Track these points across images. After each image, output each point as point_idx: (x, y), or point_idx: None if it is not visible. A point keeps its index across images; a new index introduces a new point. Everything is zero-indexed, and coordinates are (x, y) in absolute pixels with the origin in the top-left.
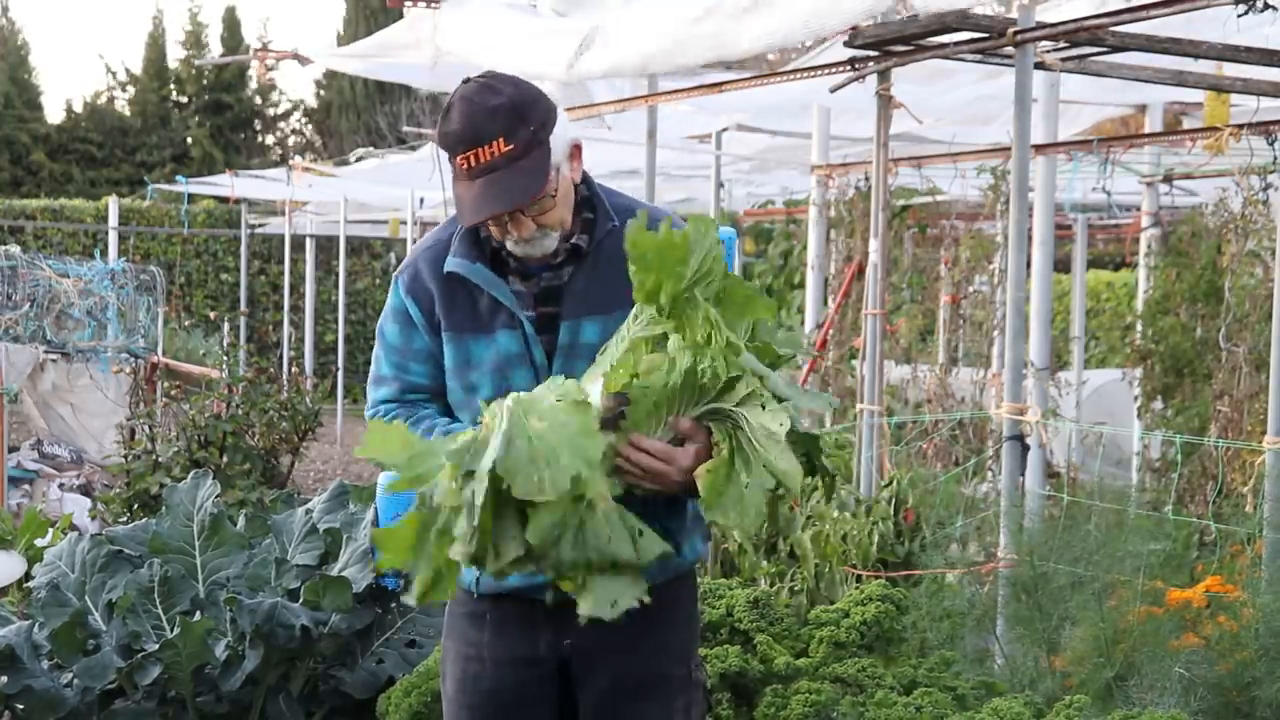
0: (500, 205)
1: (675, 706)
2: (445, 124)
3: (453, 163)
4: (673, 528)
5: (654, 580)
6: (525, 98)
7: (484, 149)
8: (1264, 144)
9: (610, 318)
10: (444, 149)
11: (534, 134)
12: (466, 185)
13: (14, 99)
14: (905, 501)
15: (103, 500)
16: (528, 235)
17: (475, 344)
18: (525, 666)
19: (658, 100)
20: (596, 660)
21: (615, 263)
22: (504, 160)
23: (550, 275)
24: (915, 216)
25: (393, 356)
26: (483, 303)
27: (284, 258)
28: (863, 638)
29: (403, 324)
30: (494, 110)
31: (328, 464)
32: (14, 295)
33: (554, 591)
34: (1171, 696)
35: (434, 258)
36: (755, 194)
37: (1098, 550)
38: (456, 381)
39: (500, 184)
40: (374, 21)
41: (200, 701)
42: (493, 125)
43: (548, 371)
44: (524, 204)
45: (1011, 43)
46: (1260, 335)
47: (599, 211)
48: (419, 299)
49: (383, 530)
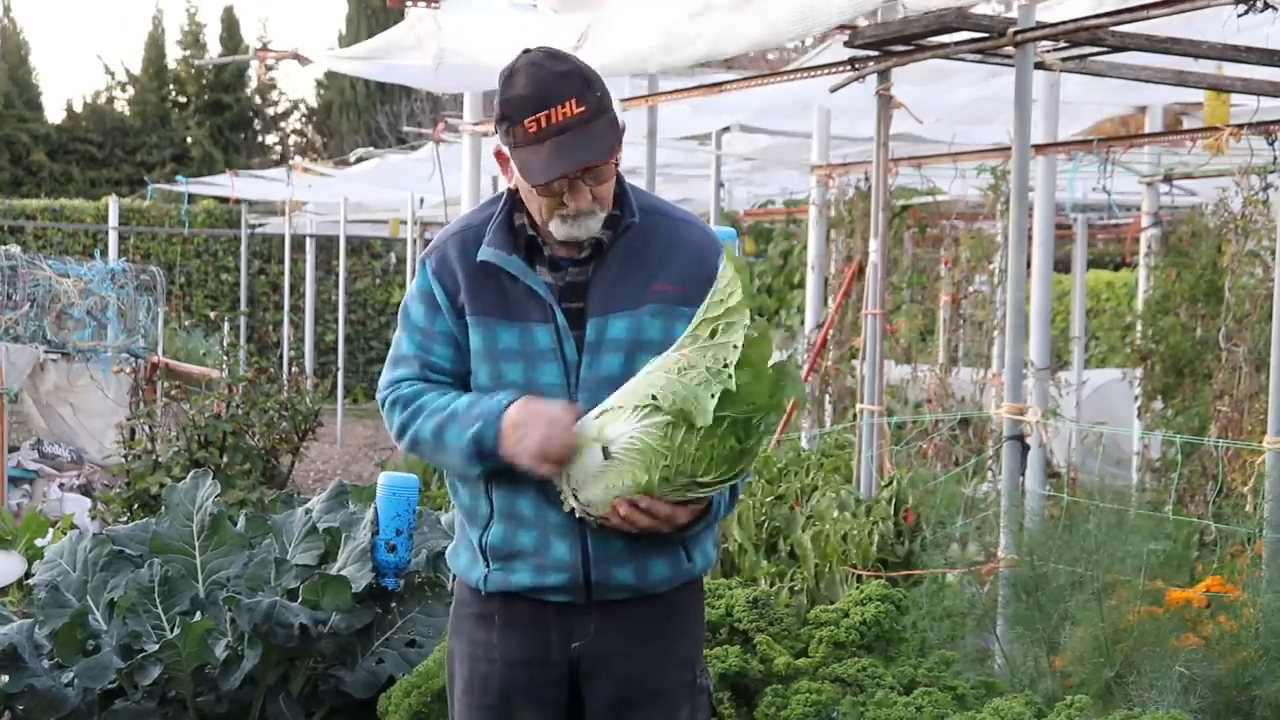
0: (579, 159)
1: (680, 713)
2: (510, 89)
3: (515, 129)
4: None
5: (665, 587)
6: (589, 68)
7: (556, 109)
8: (1264, 144)
9: (637, 313)
10: (507, 115)
11: (601, 99)
12: (534, 149)
13: (14, 99)
14: (905, 501)
15: (103, 500)
16: (585, 207)
17: (504, 331)
18: (535, 668)
19: (658, 100)
20: (604, 664)
21: (638, 258)
22: (576, 120)
23: (575, 271)
24: (915, 216)
25: (415, 336)
26: (514, 293)
27: (284, 258)
28: (862, 638)
29: (428, 305)
30: (563, 75)
31: (328, 464)
32: (14, 295)
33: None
34: (1172, 696)
35: (463, 243)
36: (755, 194)
37: (1098, 550)
38: (483, 368)
39: (575, 141)
40: (375, 21)
41: (200, 701)
42: (564, 87)
43: (577, 367)
44: (600, 160)
45: (1011, 43)
46: (1260, 335)
47: (624, 206)
48: (445, 283)
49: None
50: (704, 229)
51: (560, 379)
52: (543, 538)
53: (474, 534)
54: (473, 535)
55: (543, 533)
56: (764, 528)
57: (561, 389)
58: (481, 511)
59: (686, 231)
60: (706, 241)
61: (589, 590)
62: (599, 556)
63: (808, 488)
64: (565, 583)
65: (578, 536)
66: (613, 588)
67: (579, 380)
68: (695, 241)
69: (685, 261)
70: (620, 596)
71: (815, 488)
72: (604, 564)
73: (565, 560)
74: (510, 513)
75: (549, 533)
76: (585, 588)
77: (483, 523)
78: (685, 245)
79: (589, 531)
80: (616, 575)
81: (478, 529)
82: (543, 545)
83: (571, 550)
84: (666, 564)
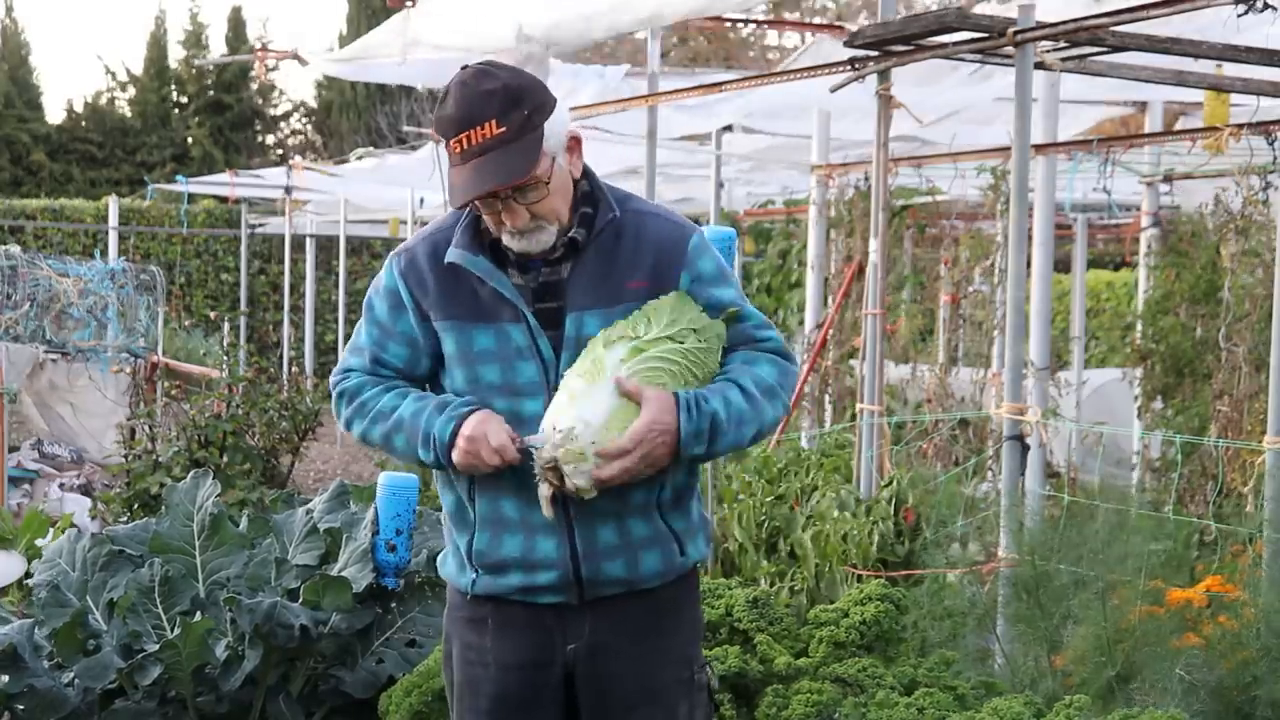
0: (487, 184)
1: (679, 711)
2: (441, 109)
3: (448, 149)
4: (676, 526)
5: (658, 581)
6: (521, 83)
7: (476, 131)
8: (1264, 144)
9: (613, 311)
10: (439, 135)
11: (528, 118)
12: (459, 170)
13: (14, 99)
14: (905, 501)
15: (103, 500)
16: (523, 226)
17: (479, 333)
18: (530, 670)
19: (658, 100)
20: (600, 665)
21: (615, 254)
22: (495, 142)
23: (548, 270)
24: (915, 216)
25: (374, 331)
26: (484, 294)
27: (284, 258)
28: (862, 637)
29: (391, 304)
30: (488, 94)
31: (328, 464)
32: (14, 295)
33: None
34: (1173, 696)
35: (432, 246)
36: (755, 194)
37: (1099, 550)
38: (459, 371)
39: (489, 164)
40: (375, 21)
41: (200, 701)
42: (486, 108)
43: (555, 365)
44: (510, 184)
45: (1011, 43)
46: (1260, 335)
47: (600, 205)
48: (410, 284)
49: None
50: (673, 221)
51: (539, 377)
52: (529, 540)
53: (460, 540)
54: (459, 541)
55: (529, 534)
56: (764, 528)
57: (540, 387)
58: (467, 517)
59: (654, 225)
60: (675, 232)
61: (581, 588)
62: (588, 552)
63: (808, 488)
64: (556, 581)
65: (565, 534)
66: (605, 583)
67: (557, 378)
68: (663, 235)
69: (653, 256)
70: (613, 592)
71: (815, 487)
72: (594, 559)
73: (554, 559)
74: (495, 518)
75: (535, 533)
76: (577, 585)
77: (469, 529)
78: (652, 239)
79: (576, 528)
80: (607, 570)
81: (464, 535)
82: (530, 547)
83: (560, 548)
84: (659, 557)
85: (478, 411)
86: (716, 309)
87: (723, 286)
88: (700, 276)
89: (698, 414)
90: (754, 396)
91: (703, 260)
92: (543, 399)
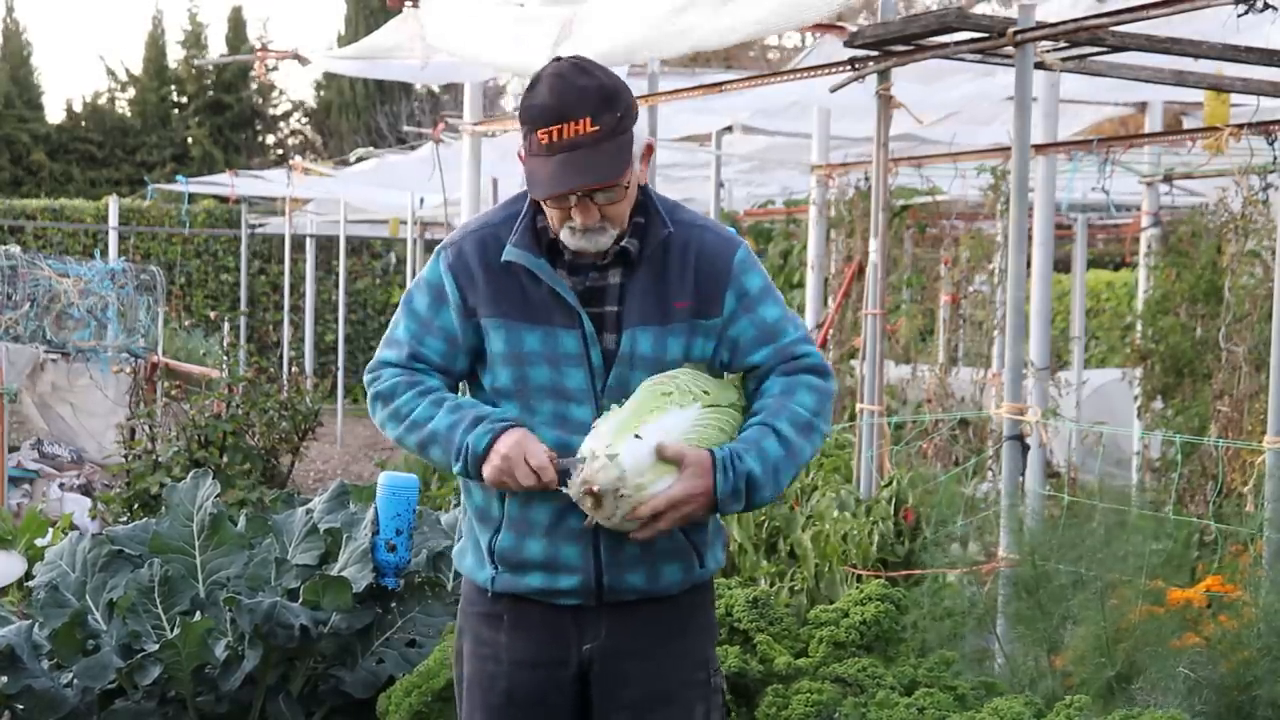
0: (580, 180)
1: (696, 713)
2: (531, 97)
3: (531, 137)
4: (696, 539)
5: (676, 589)
6: (615, 84)
7: (570, 125)
8: (1264, 144)
9: (664, 329)
10: (525, 122)
11: (620, 120)
12: (543, 161)
13: (14, 99)
14: (905, 501)
15: (103, 500)
16: (591, 224)
17: (528, 334)
18: (544, 669)
19: (658, 100)
20: (616, 666)
21: (665, 271)
22: (588, 140)
23: (596, 275)
24: (915, 216)
25: (412, 325)
26: (536, 295)
27: (284, 258)
28: (862, 637)
29: (434, 298)
30: (584, 90)
31: (328, 464)
32: (14, 295)
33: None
34: (1173, 696)
35: (482, 241)
36: (755, 194)
37: (1099, 550)
38: (506, 370)
39: (582, 161)
40: (374, 21)
41: (200, 701)
42: (582, 104)
43: (604, 374)
44: (602, 184)
45: (1011, 43)
46: (1260, 335)
47: (650, 218)
48: (459, 279)
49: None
50: (720, 236)
51: (586, 384)
52: (554, 544)
53: (483, 537)
54: (482, 538)
55: (554, 539)
56: (764, 528)
57: (588, 394)
58: (493, 514)
59: (700, 240)
60: (722, 249)
61: (600, 593)
62: (611, 561)
63: (808, 488)
64: (577, 586)
65: (590, 542)
66: (624, 591)
67: (605, 387)
68: (710, 252)
69: (699, 275)
70: (631, 599)
71: (815, 488)
72: (616, 569)
73: (577, 564)
74: (523, 519)
75: (561, 539)
76: (596, 591)
77: (493, 526)
78: (699, 257)
79: (602, 537)
80: (628, 580)
81: (487, 532)
82: (554, 551)
83: (583, 555)
84: (679, 568)
85: (515, 429)
86: (763, 327)
87: (769, 304)
88: (746, 293)
89: (733, 474)
90: (790, 441)
91: (748, 276)
92: (590, 406)
